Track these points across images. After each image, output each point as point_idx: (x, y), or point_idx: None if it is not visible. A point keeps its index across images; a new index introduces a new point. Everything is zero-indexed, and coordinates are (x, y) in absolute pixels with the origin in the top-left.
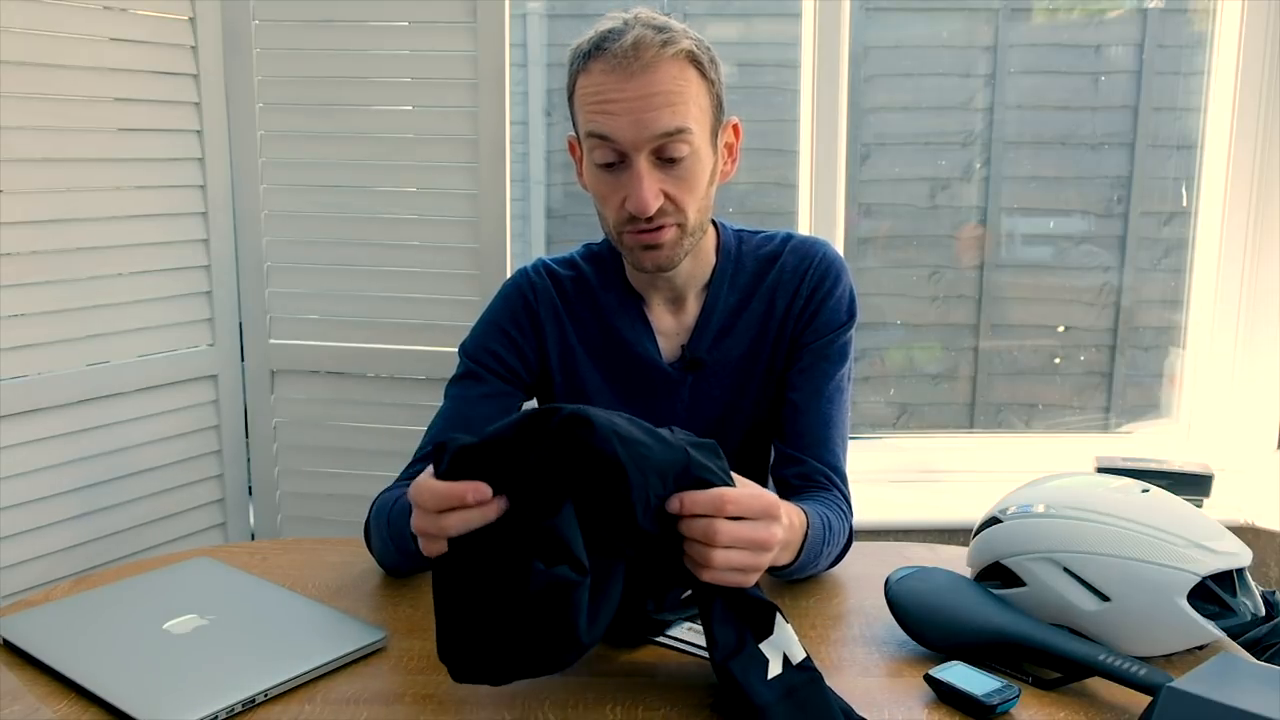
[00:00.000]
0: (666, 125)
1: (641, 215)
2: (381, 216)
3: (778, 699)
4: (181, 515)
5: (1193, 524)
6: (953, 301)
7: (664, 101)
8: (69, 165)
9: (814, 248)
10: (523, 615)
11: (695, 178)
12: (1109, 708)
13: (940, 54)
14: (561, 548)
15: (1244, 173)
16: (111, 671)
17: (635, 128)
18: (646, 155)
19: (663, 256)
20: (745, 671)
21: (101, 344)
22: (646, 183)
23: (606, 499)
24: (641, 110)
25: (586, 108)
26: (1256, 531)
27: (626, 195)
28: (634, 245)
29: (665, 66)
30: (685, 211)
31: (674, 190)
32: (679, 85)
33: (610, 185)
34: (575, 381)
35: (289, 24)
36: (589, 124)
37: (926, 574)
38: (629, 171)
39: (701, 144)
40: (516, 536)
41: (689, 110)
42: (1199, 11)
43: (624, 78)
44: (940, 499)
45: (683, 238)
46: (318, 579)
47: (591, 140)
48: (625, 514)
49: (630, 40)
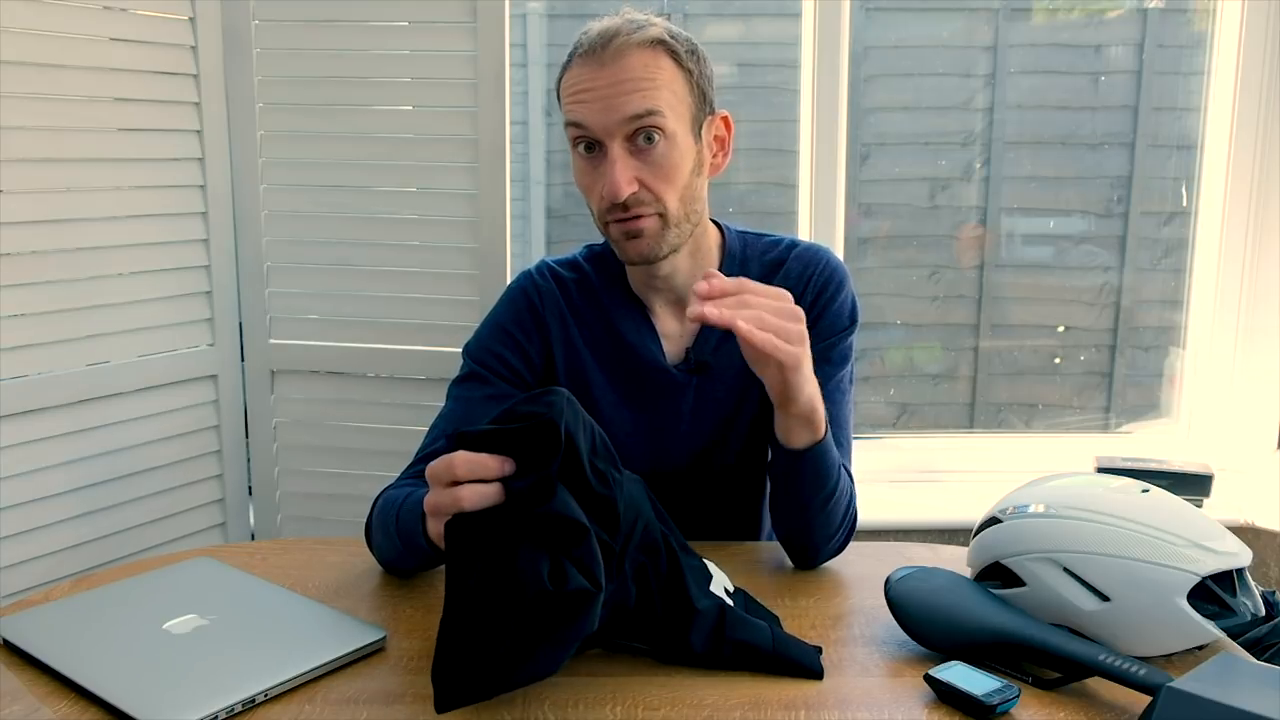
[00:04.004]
0: (636, 108)
1: (614, 199)
2: (381, 216)
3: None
4: (181, 515)
5: (1193, 524)
6: (953, 301)
7: (633, 87)
8: (69, 165)
9: (818, 255)
10: (537, 613)
11: (672, 165)
12: (1109, 708)
13: (940, 54)
14: (567, 525)
15: (1244, 173)
16: (111, 671)
17: (605, 112)
18: (620, 141)
19: (644, 245)
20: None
21: (101, 344)
22: (619, 167)
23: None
24: (611, 96)
25: (565, 100)
26: (1256, 531)
27: (603, 184)
28: (618, 236)
29: (635, 53)
30: (664, 200)
31: (650, 178)
32: (650, 71)
33: (591, 176)
34: (581, 384)
35: (289, 24)
36: (566, 114)
37: (926, 574)
38: (605, 159)
39: (678, 130)
40: (526, 527)
41: (660, 95)
42: (1199, 11)
43: (596, 67)
44: (940, 499)
45: (665, 228)
46: (318, 579)
47: (570, 130)
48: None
49: (600, 31)
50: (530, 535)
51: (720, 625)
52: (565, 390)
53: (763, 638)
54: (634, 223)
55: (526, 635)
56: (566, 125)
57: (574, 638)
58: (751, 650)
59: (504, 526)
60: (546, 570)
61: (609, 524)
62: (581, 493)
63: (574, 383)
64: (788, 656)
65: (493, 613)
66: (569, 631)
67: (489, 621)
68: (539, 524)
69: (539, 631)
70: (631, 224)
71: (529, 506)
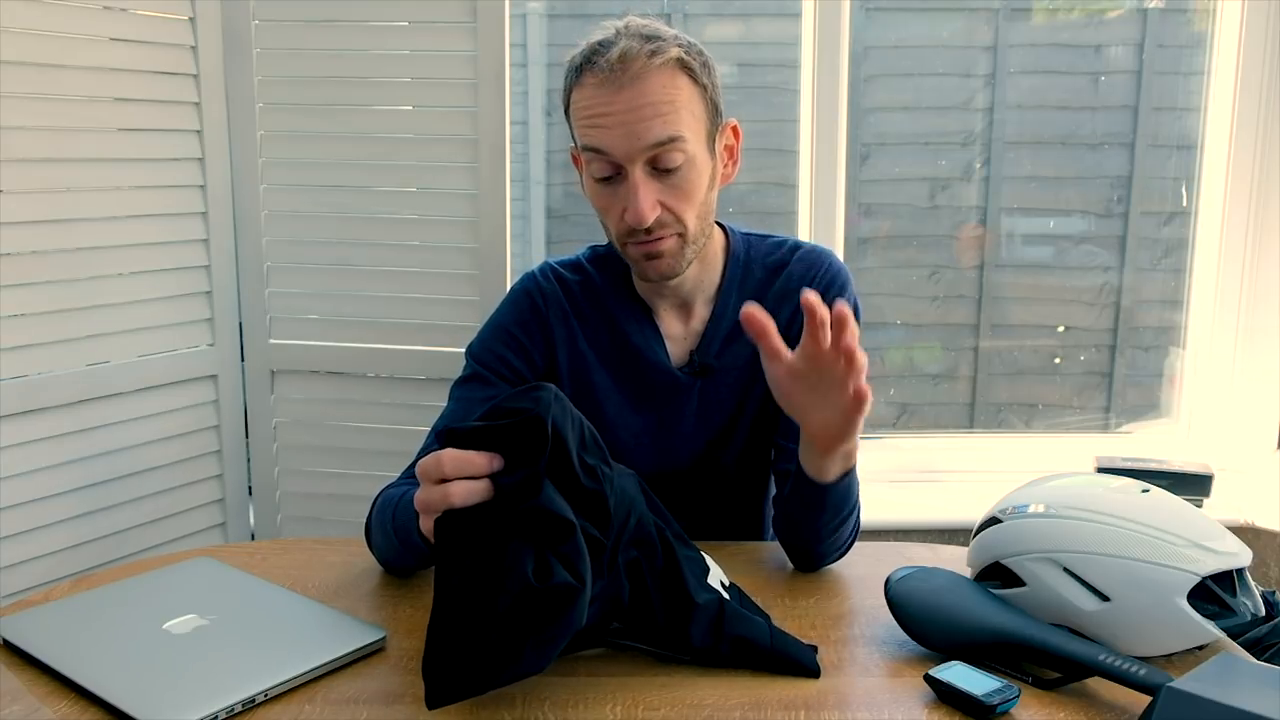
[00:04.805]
0: (658, 135)
1: (639, 226)
2: (381, 216)
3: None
4: (181, 515)
5: (1193, 524)
6: (953, 301)
7: (654, 112)
8: (69, 165)
9: (821, 257)
10: (522, 608)
11: (692, 185)
12: (1109, 708)
13: (940, 54)
14: (553, 521)
15: (1244, 173)
16: (111, 671)
17: (627, 140)
18: (641, 166)
19: (665, 265)
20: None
21: (101, 344)
22: (642, 193)
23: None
24: (633, 122)
25: (580, 122)
26: (1256, 531)
27: (625, 207)
28: (637, 256)
29: (654, 76)
30: (684, 220)
31: (671, 200)
32: (669, 94)
33: (609, 198)
34: (586, 386)
35: (289, 24)
36: (584, 138)
37: (926, 574)
38: (626, 183)
39: (697, 151)
40: (513, 523)
41: (681, 118)
42: (1199, 11)
43: (613, 90)
44: (940, 499)
45: (684, 246)
46: (318, 579)
47: (588, 154)
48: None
49: (617, 53)
50: (517, 531)
51: (719, 620)
52: (553, 386)
53: (761, 634)
54: (655, 244)
55: (512, 631)
56: (584, 149)
57: (561, 634)
58: (750, 646)
59: (492, 522)
60: (531, 566)
61: (599, 519)
62: (570, 488)
63: (577, 384)
64: (785, 654)
65: (479, 608)
66: (555, 628)
67: (475, 617)
68: (525, 520)
69: (525, 627)
70: (652, 245)
71: (516, 502)
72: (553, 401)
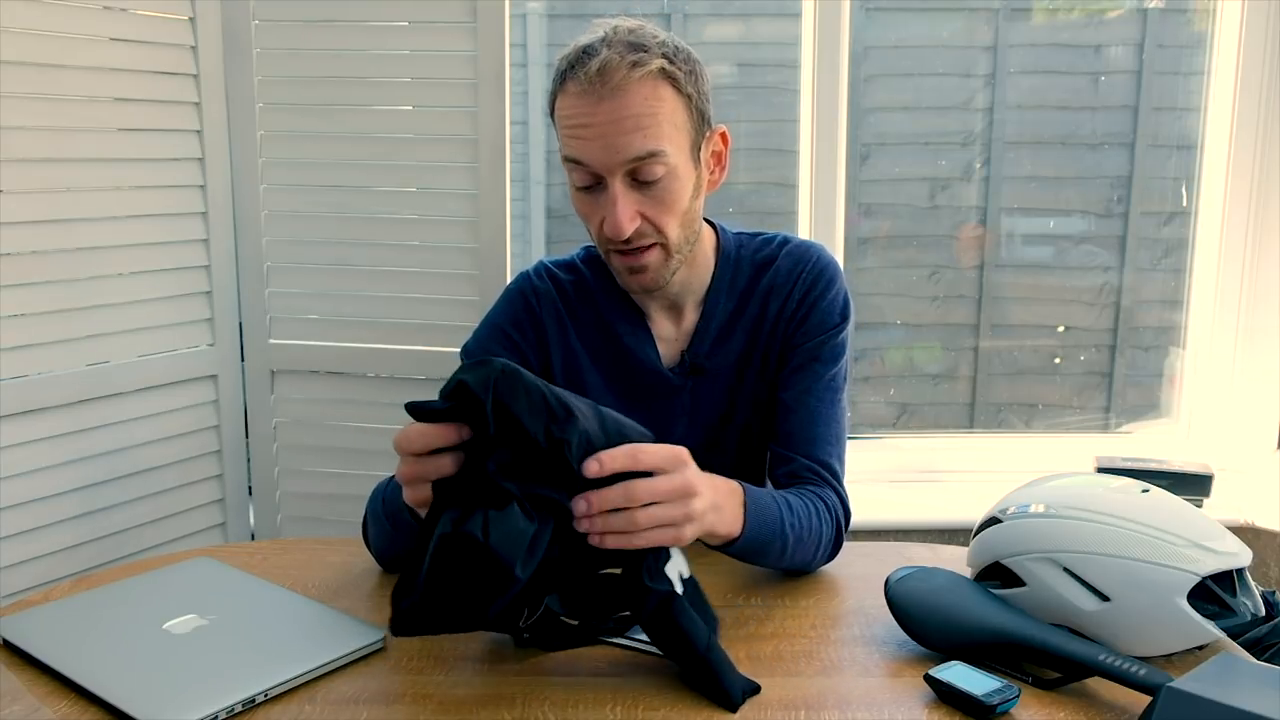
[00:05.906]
0: (638, 149)
1: (617, 239)
2: (381, 216)
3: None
4: (181, 515)
5: (1193, 524)
6: (953, 301)
7: (634, 125)
8: (69, 165)
9: (808, 251)
10: (469, 555)
11: (673, 197)
12: (1109, 708)
13: (940, 54)
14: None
15: (1244, 173)
16: (111, 671)
17: (606, 152)
18: (621, 178)
19: (648, 279)
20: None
21: (101, 344)
22: (621, 206)
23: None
24: (613, 134)
25: (562, 131)
26: (1256, 531)
27: (604, 217)
28: (620, 268)
29: (634, 89)
30: (665, 231)
31: (651, 211)
32: (650, 107)
33: (590, 207)
34: (577, 385)
35: (289, 24)
36: (564, 148)
37: (926, 574)
38: (605, 194)
39: (679, 162)
40: (472, 485)
41: (662, 131)
42: (1199, 11)
43: (594, 102)
44: (940, 499)
45: (668, 258)
46: (317, 579)
47: (568, 164)
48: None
49: (598, 64)
50: (459, 491)
51: (667, 605)
52: (502, 360)
53: (699, 635)
54: (636, 257)
55: (445, 576)
56: (564, 159)
57: (498, 588)
58: (686, 644)
59: (448, 486)
60: (453, 520)
61: (562, 478)
62: (527, 453)
63: (570, 384)
64: (713, 668)
65: (423, 553)
66: (490, 580)
67: (425, 563)
68: (468, 482)
69: (454, 573)
70: (633, 259)
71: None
72: (497, 378)
